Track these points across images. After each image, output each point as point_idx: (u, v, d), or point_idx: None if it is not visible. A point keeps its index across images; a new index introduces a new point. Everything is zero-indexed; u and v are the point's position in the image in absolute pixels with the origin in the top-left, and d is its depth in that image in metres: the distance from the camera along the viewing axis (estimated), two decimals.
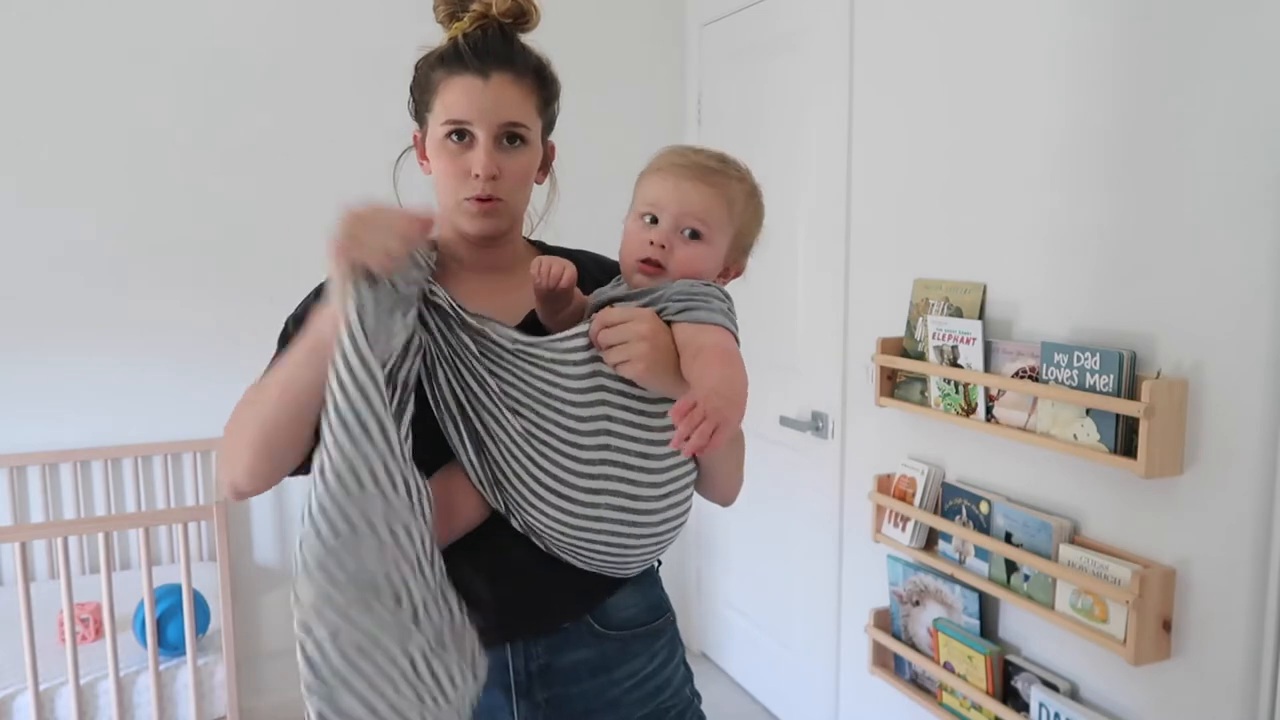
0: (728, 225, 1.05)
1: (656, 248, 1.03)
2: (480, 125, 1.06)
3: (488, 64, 1.06)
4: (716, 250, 1.05)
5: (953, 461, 2.02)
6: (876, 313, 2.24)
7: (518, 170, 1.10)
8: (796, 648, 2.73)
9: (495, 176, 1.07)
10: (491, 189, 1.07)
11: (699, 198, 1.03)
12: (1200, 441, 1.50)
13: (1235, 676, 1.47)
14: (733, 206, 1.05)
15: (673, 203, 1.03)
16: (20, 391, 2.65)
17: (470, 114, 1.06)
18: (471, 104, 1.06)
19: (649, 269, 1.03)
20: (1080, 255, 1.70)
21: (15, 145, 2.59)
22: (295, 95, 2.79)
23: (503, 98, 1.07)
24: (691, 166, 1.05)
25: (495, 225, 1.10)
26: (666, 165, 1.06)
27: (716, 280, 1.08)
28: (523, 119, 1.09)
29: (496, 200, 1.08)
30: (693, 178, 1.03)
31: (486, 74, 1.06)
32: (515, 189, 1.10)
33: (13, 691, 2.17)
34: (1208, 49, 1.46)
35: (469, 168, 1.07)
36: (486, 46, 1.07)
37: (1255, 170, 1.40)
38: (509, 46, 1.09)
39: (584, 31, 3.07)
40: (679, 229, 1.03)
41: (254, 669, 2.87)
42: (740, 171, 1.09)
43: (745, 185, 1.08)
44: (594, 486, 1.02)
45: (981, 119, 1.91)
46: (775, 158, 2.67)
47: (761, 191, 1.12)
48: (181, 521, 2.23)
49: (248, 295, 2.79)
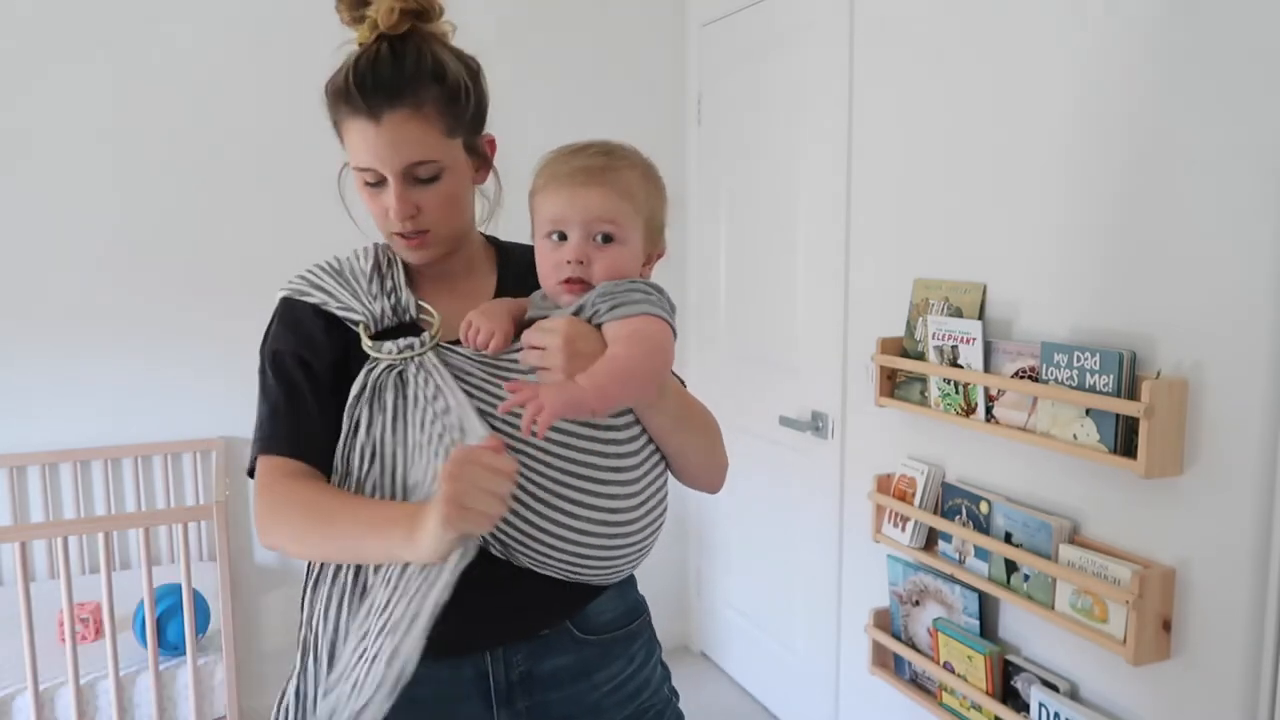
0: (636, 217, 1.02)
1: (575, 265, 1.00)
2: (386, 169, 1.03)
3: (377, 105, 1.01)
4: (633, 247, 1.03)
5: (953, 461, 2.02)
6: (876, 313, 2.24)
7: (436, 202, 1.07)
8: (796, 648, 2.73)
9: (413, 215, 1.06)
10: (414, 225, 1.06)
11: (599, 201, 1.00)
12: (1200, 441, 1.50)
13: (1235, 676, 1.47)
14: (635, 197, 1.02)
15: (575, 214, 1.00)
16: (20, 391, 2.65)
17: (371, 161, 1.04)
18: (369, 151, 1.03)
19: (574, 287, 1.01)
20: (1080, 255, 1.70)
21: (16, 145, 2.59)
22: (296, 96, 2.79)
23: (398, 139, 1.02)
24: (580, 171, 1.01)
25: (430, 254, 1.11)
26: (556, 177, 1.02)
27: (643, 271, 1.06)
28: (425, 155, 1.04)
29: (423, 233, 1.07)
30: (586, 182, 1.00)
31: (378, 117, 1.01)
32: (440, 219, 1.08)
33: (13, 691, 2.17)
34: (1208, 49, 1.46)
35: (387, 207, 1.06)
36: (375, 81, 1.01)
37: (1255, 170, 1.40)
38: (398, 72, 1.02)
39: (584, 31, 3.08)
40: (590, 237, 1.00)
41: (254, 669, 2.87)
42: (628, 156, 1.06)
43: (638, 169, 1.05)
44: (569, 504, 1.01)
45: (981, 119, 1.91)
46: (775, 158, 2.67)
47: (654, 166, 1.08)
48: (181, 521, 2.23)
49: (248, 296, 2.78)
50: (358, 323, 1.08)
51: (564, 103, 3.05)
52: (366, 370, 1.05)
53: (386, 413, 1.03)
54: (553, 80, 3.04)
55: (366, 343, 1.06)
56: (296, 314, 1.11)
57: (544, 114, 3.01)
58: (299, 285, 1.13)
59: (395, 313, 1.09)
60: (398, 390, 1.04)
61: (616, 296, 0.99)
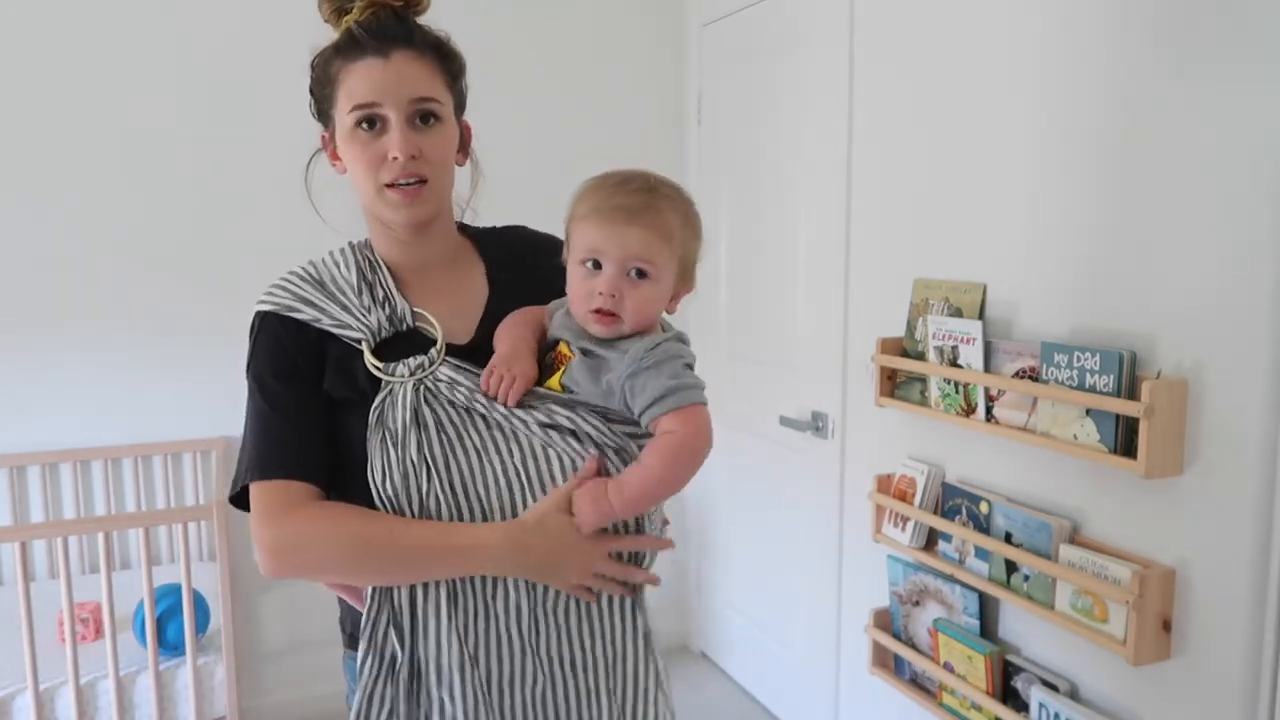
0: (671, 257, 1.04)
1: (607, 297, 1.01)
2: (389, 105, 1.03)
3: (386, 43, 1.03)
4: (664, 285, 1.05)
5: (953, 461, 2.02)
6: (876, 313, 2.24)
7: (437, 148, 1.06)
8: (796, 648, 2.73)
9: (415, 156, 1.04)
10: (414, 168, 1.04)
11: (639, 240, 1.01)
12: (1200, 441, 1.50)
13: (1235, 676, 1.47)
14: (672, 238, 1.03)
15: (614, 249, 1.01)
16: (20, 391, 2.65)
17: (376, 95, 1.03)
18: (375, 85, 1.03)
19: (604, 319, 1.02)
20: (1080, 255, 1.70)
21: (16, 145, 2.59)
22: (297, 96, 2.79)
23: (407, 74, 1.04)
24: (624, 209, 1.01)
25: (423, 210, 1.07)
26: (599, 210, 1.02)
27: (669, 306, 1.09)
28: (433, 93, 1.05)
29: (421, 183, 1.05)
30: (629, 220, 1.01)
31: (387, 53, 1.03)
32: (438, 169, 1.07)
33: (13, 691, 2.17)
34: (1208, 48, 1.46)
35: (385, 152, 1.03)
36: (382, 28, 1.04)
37: (1255, 170, 1.40)
38: (404, 25, 1.06)
39: (584, 31, 3.08)
40: (624, 272, 1.02)
41: (254, 669, 2.87)
42: (670, 195, 1.06)
43: (679, 209, 1.06)
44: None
45: (982, 119, 1.90)
46: (775, 158, 2.67)
47: (694, 205, 1.10)
48: (181, 521, 2.23)
49: (249, 296, 2.78)
50: (358, 340, 1.06)
51: (564, 103, 3.05)
52: (389, 391, 1.03)
53: (429, 429, 1.03)
54: (553, 80, 3.03)
55: (374, 363, 1.05)
56: (283, 331, 1.08)
57: (544, 114, 3.02)
58: (282, 299, 1.09)
59: (392, 323, 1.07)
60: (431, 406, 1.04)
61: (664, 381, 1.00)
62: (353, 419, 1.04)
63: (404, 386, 1.03)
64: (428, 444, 1.02)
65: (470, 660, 1.02)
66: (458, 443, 1.02)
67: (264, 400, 1.06)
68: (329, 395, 1.06)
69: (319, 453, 1.05)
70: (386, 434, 1.02)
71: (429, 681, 1.02)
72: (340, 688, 1.25)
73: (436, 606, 1.02)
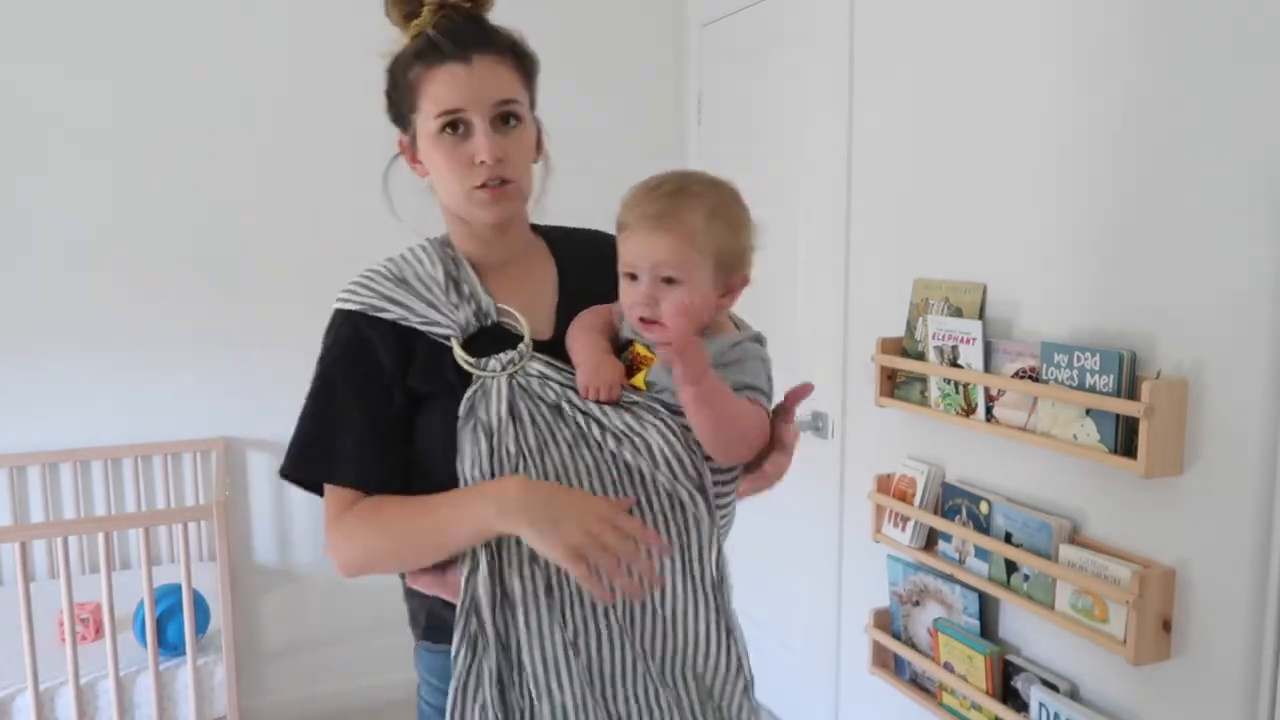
0: (698, 257, 1.05)
1: (643, 307, 1.05)
2: (474, 110, 1.06)
3: (466, 48, 1.06)
4: (697, 285, 1.06)
5: (953, 461, 2.02)
6: (876, 313, 2.24)
7: (521, 149, 1.10)
8: (796, 648, 2.73)
9: (502, 159, 1.07)
10: (499, 171, 1.07)
11: (660, 247, 1.03)
12: (1200, 441, 1.50)
13: (1235, 676, 1.47)
14: (694, 238, 1.04)
15: (642, 258, 1.04)
16: (20, 391, 2.65)
17: (461, 101, 1.05)
18: (460, 91, 1.05)
19: (648, 326, 1.06)
20: (1080, 255, 1.70)
21: (17, 145, 2.59)
22: (299, 96, 2.79)
23: (490, 78, 1.07)
24: (647, 218, 1.04)
25: (510, 209, 1.11)
26: (627, 221, 1.06)
27: (724, 300, 1.11)
28: (513, 94, 1.09)
29: (508, 183, 1.08)
30: (651, 229, 1.04)
31: (468, 58, 1.06)
32: (521, 169, 1.11)
33: (13, 691, 2.17)
34: (1209, 50, 1.46)
35: (472, 156, 1.06)
36: (459, 32, 1.07)
37: (1256, 170, 1.40)
38: (480, 28, 1.09)
39: (584, 32, 3.07)
40: (655, 280, 1.05)
41: (254, 669, 2.87)
42: (698, 194, 1.07)
43: (704, 205, 1.06)
44: None
45: (982, 119, 1.90)
46: (775, 158, 2.67)
47: (728, 198, 1.11)
48: (181, 521, 2.23)
49: (249, 297, 2.79)
50: (446, 336, 1.09)
51: (564, 103, 3.03)
52: (480, 384, 1.06)
53: (524, 422, 1.06)
54: (553, 80, 3.02)
55: (465, 358, 1.08)
56: (367, 330, 1.10)
57: (544, 114, 3.01)
58: (367, 298, 1.11)
59: (478, 318, 1.11)
60: (524, 401, 1.07)
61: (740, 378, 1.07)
62: (436, 411, 1.07)
63: (498, 380, 1.06)
64: (523, 436, 1.05)
65: (571, 647, 1.04)
66: (550, 437, 1.06)
67: (331, 400, 1.10)
68: (412, 389, 1.09)
69: (377, 456, 1.08)
70: (479, 425, 1.05)
71: (530, 672, 1.03)
72: (336, 688, 1.24)
73: (535, 595, 1.03)
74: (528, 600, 1.03)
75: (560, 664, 1.03)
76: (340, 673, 2.96)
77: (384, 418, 1.08)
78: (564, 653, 1.03)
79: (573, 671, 1.03)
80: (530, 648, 1.03)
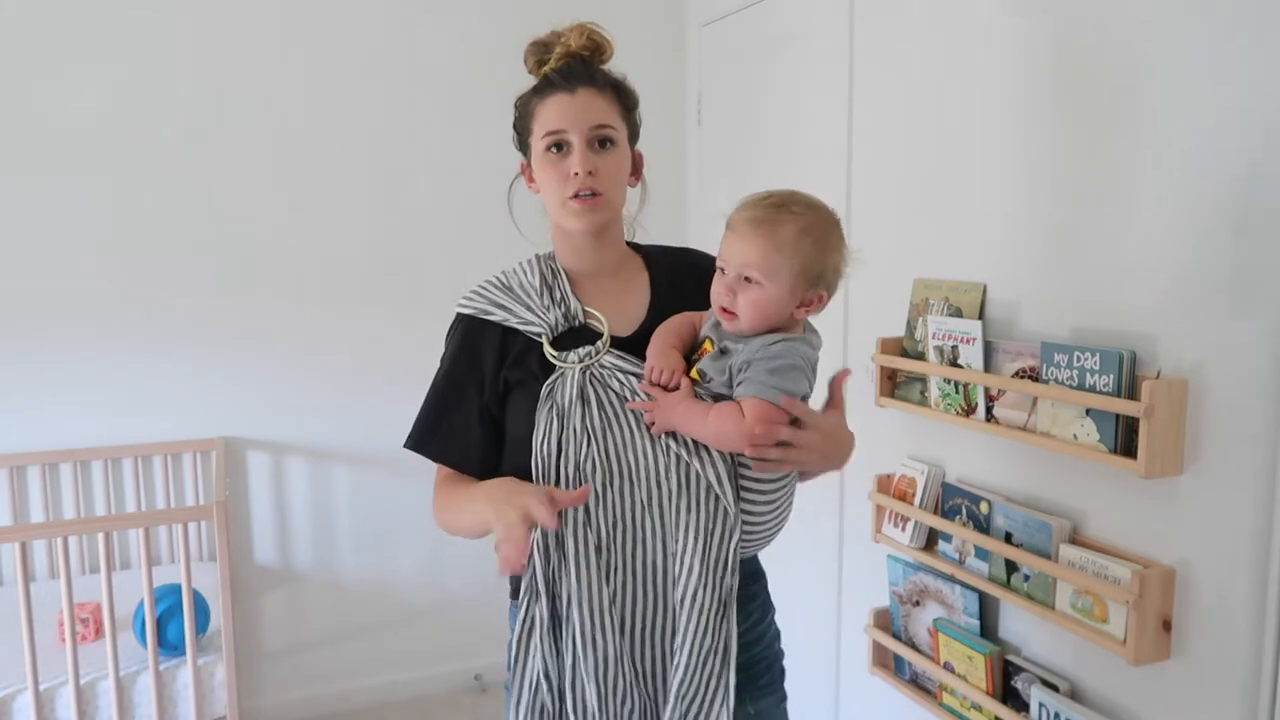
0: (782, 266, 1.17)
1: (723, 296, 1.20)
2: (573, 131, 1.25)
3: (573, 82, 1.27)
4: (771, 291, 1.18)
5: (953, 461, 2.02)
6: (876, 313, 2.24)
7: (611, 167, 1.27)
8: (796, 648, 2.73)
9: (592, 172, 1.24)
10: (590, 184, 1.24)
11: (748, 249, 1.17)
12: (1200, 441, 1.50)
13: (1235, 676, 1.47)
14: (781, 249, 1.16)
15: (733, 256, 1.19)
16: (20, 391, 2.65)
17: (563, 123, 1.25)
18: (563, 115, 1.25)
19: (724, 314, 1.21)
20: (1081, 255, 1.70)
21: (18, 146, 2.59)
22: (301, 96, 2.79)
23: (589, 106, 1.26)
24: (747, 221, 1.18)
25: (598, 218, 1.27)
26: (732, 223, 1.20)
27: (800, 310, 1.23)
28: (608, 121, 1.27)
29: (597, 195, 1.25)
30: (746, 232, 1.18)
31: (573, 89, 1.26)
32: (611, 184, 1.27)
33: (13, 691, 2.17)
34: (1209, 49, 1.46)
35: (569, 170, 1.24)
36: (570, 71, 1.28)
37: (1256, 170, 1.40)
38: (589, 68, 1.30)
39: None
40: (739, 278, 1.18)
41: (254, 669, 2.87)
42: (798, 213, 1.19)
43: (800, 223, 1.18)
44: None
45: (981, 119, 1.90)
46: (775, 158, 2.67)
47: (827, 223, 1.21)
48: (181, 521, 2.23)
49: (249, 296, 2.79)
50: (538, 334, 1.28)
51: None
52: (559, 374, 1.24)
53: (591, 405, 1.23)
54: None
55: (551, 352, 1.26)
56: (476, 332, 1.31)
57: None
58: (480, 305, 1.32)
59: (567, 319, 1.29)
60: (594, 387, 1.24)
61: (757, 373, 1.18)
62: (524, 396, 1.26)
63: (573, 370, 1.24)
64: (589, 417, 1.22)
65: (613, 605, 1.19)
66: (614, 419, 1.23)
67: (444, 390, 1.32)
68: (506, 380, 1.28)
69: (468, 440, 1.30)
70: (554, 406, 1.23)
71: (576, 624, 1.18)
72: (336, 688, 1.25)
73: (586, 555, 1.19)
74: (579, 559, 1.18)
75: (605, 618, 1.18)
76: (340, 673, 2.96)
77: (476, 408, 1.29)
78: (607, 608, 1.18)
79: (614, 626, 1.18)
80: (580, 603, 1.18)
